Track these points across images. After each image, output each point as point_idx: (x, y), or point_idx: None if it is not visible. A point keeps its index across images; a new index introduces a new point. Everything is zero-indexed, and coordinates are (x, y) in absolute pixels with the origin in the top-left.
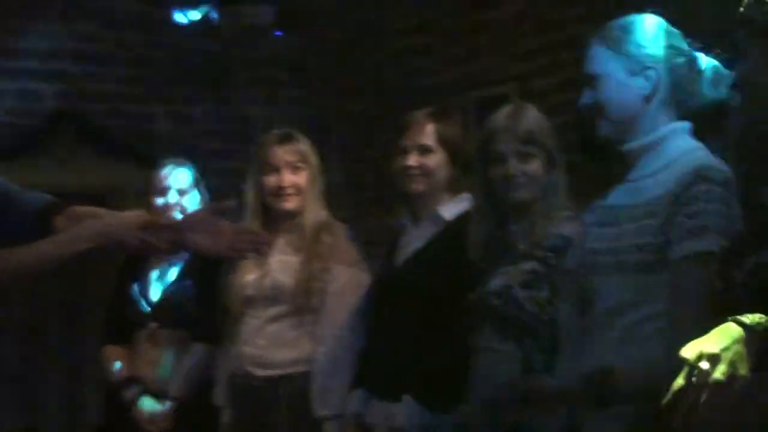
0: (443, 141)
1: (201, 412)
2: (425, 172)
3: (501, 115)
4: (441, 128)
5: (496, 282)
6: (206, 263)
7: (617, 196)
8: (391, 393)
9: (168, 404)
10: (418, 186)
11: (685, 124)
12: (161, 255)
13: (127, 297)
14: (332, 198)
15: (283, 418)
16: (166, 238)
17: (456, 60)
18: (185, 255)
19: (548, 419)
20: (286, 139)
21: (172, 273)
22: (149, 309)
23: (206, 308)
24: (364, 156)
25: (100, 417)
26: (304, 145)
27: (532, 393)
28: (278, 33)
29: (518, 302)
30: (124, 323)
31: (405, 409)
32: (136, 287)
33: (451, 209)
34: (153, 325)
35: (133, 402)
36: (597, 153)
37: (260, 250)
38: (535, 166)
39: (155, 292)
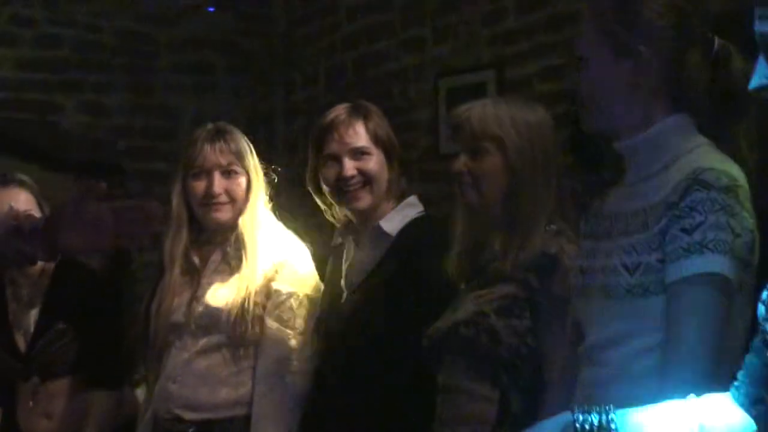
0: (378, 139)
1: None
2: (367, 178)
3: (466, 105)
4: (372, 125)
5: (466, 308)
6: (75, 300)
7: (612, 203)
8: None
9: None
10: (362, 201)
11: (686, 117)
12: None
13: None
14: (281, 206)
15: None
16: (40, 243)
17: (420, 42)
18: (42, 298)
19: None
20: (218, 136)
21: (31, 317)
22: (21, 362)
23: (98, 349)
24: (314, 158)
25: None
26: (242, 144)
27: None
28: (211, 9)
29: (493, 333)
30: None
31: None
32: None
33: (394, 221)
34: (34, 379)
35: None
36: (589, 152)
37: (152, 225)
38: (488, 164)
39: (22, 341)
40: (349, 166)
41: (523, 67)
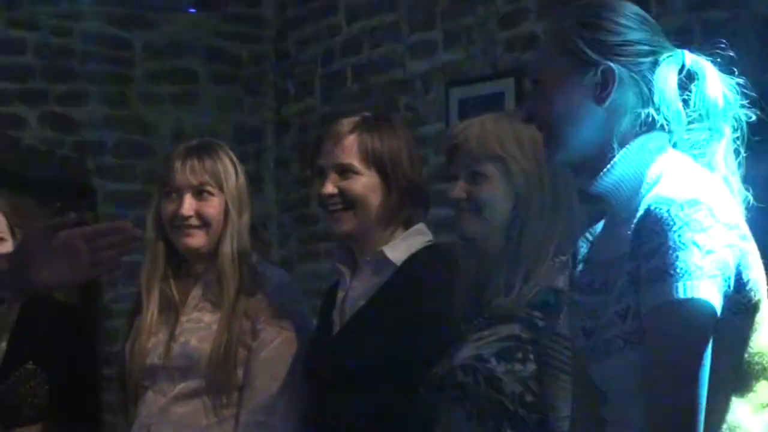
0: (371, 158)
1: None
2: (348, 201)
3: (461, 123)
4: (368, 141)
5: (465, 351)
6: (46, 339)
7: (603, 250)
8: None
9: None
10: (342, 225)
11: (660, 136)
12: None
13: None
14: (267, 232)
15: None
16: (6, 283)
17: (430, 47)
18: (7, 336)
19: None
20: (193, 152)
21: None
22: None
23: (71, 392)
24: (307, 176)
25: None
26: (219, 162)
27: None
28: (192, 10)
29: (494, 380)
30: None
31: None
32: None
33: (400, 248)
34: (1, 426)
35: None
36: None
37: (129, 247)
38: (490, 190)
39: None
40: (329, 184)
41: None
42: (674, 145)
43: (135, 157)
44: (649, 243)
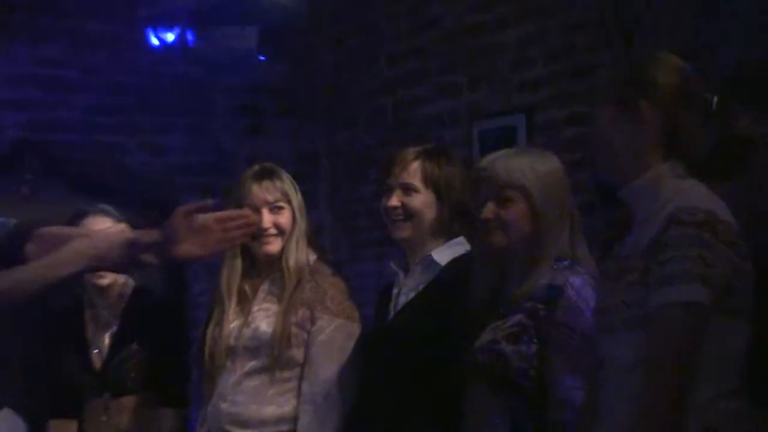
0: (430, 180)
1: None
2: (408, 213)
3: (488, 157)
4: (429, 166)
5: (484, 337)
6: (148, 323)
7: (623, 247)
8: None
9: None
10: (402, 232)
11: (679, 164)
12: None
13: (68, 367)
14: (322, 239)
15: None
16: (155, 252)
17: (455, 89)
18: (118, 320)
19: None
20: (266, 175)
21: (106, 337)
22: (95, 379)
23: (171, 369)
24: (356, 193)
25: None
26: (286, 182)
27: None
28: (262, 58)
29: (504, 358)
30: (70, 395)
31: None
32: (74, 357)
33: (445, 253)
34: (107, 395)
35: None
36: (610, 191)
37: (251, 229)
38: (514, 211)
39: (97, 359)
40: (395, 198)
41: (550, 113)
42: (693, 175)
43: (213, 177)
44: (664, 254)
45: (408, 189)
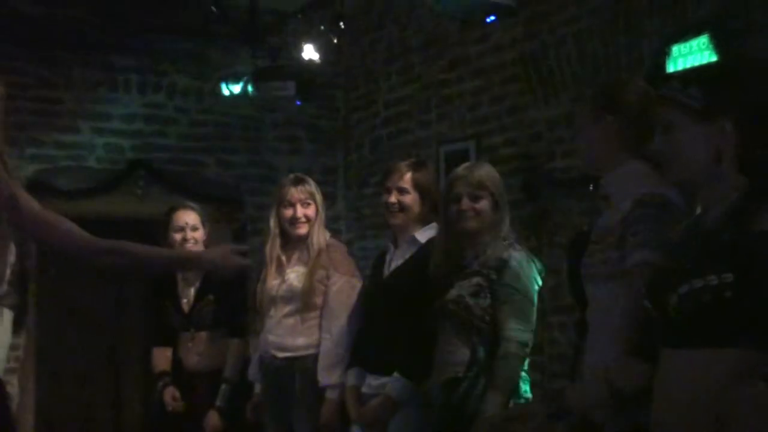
0: (417, 185)
1: (241, 385)
2: (402, 207)
3: (461, 167)
4: (416, 175)
5: (453, 292)
6: (220, 284)
7: (602, 221)
8: (380, 369)
9: (224, 385)
10: (396, 219)
11: (644, 163)
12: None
13: (166, 311)
14: (338, 225)
15: (297, 388)
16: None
17: (428, 123)
18: (199, 280)
19: None
20: (299, 181)
21: (192, 291)
22: (183, 319)
23: (235, 313)
24: (362, 194)
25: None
26: (312, 186)
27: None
28: (299, 102)
29: (468, 308)
30: (167, 331)
31: (393, 382)
32: (170, 305)
33: (424, 234)
34: (192, 330)
35: (164, 388)
36: (534, 192)
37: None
38: (483, 205)
39: (186, 306)
40: (392, 197)
41: (492, 139)
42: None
43: (266, 183)
44: (635, 227)
45: (401, 190)
